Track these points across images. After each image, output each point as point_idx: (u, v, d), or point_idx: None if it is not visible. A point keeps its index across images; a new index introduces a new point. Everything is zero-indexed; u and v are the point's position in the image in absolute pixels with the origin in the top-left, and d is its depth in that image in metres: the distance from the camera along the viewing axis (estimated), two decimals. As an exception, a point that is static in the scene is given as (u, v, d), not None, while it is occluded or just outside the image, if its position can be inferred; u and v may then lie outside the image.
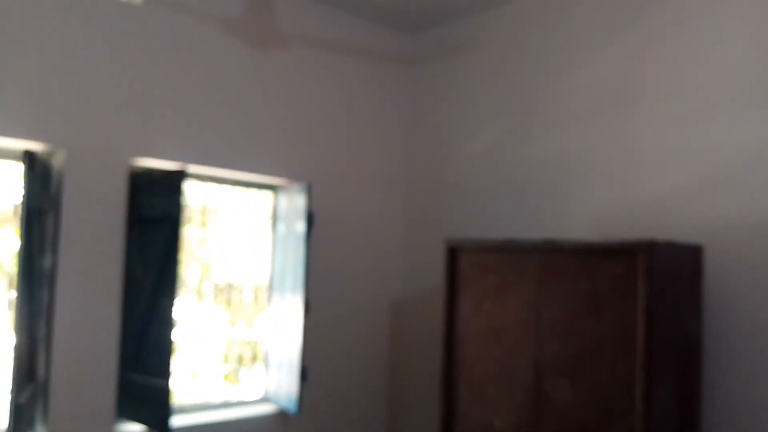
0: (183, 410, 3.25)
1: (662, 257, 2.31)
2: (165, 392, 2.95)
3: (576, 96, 3.25)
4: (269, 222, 3.73)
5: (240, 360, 3.60)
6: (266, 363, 3.63)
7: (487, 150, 3.68)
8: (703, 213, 2.70)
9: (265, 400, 3.59)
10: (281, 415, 3.51)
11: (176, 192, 3.03)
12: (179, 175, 3.03)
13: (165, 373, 2.97)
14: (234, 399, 3.50)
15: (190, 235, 3.37)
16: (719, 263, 2.59)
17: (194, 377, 3.41)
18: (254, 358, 3.65)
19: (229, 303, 3.56)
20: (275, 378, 3.54)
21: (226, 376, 3.55)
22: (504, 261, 2.78)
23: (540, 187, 3.37)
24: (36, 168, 2.70)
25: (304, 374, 3.40)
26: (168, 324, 2.97)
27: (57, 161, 2.89)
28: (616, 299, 2.37)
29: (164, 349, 2.98)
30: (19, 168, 2.78)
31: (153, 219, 3.06)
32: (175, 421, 3.05)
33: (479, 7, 3.72)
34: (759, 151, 2.55)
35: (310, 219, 3.48)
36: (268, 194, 3.72)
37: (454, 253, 2.97)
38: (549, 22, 3.42)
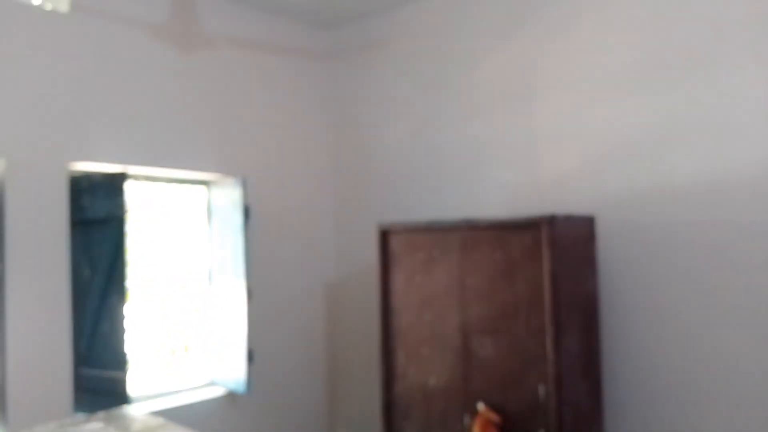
0: (135, 400, 3.40)
1: (562, 228, 2.73)
2: (119, 384, 3.11)
3: (482, 87, 3.62)
4: (206, 216, 3.90)
5: (186, 348, 3.78)
6: (213, 349, 3.83)
7: (406, 138, 4.01)
8: (594, 187, 3.13)
9: (213, 383, 3.80)
10: (231, 397, 3.74)
11: (117, 193, 3.16)
12: (120, 177, 3.16)
13: (118, 366, 3.12)
14: (184, 385, 3.68)
15: (132, 232, 3.49)
16: (609, 230, 3.04)
17: (144, 368, 3.56)
18: (200, 345, 3.84)
19: (172, 295, 3.72)
20: (223, 362, 3.76)
21: (174, 364, 3.72)
22: (429, 240, 3.13)
23: (455, 171, 3.73)
24: (-21, 178, 2.76)
25: (251, 356, 3.64)
26: (118, 319, 3.12)
27: (-4, 170, 2.95)
28: (527, 266, 2.75)
29: (116, 343, 3.13)
30: (-41, 178, 2.82)
31: (96, 220, 3.18)
32: (130, 411, 3.20)
33: (390, 6, 4.02)
34: (640, 132, 2.97)
35: (247, 211, 3.69)
36: (203, 190, 3.88)
37: (385, 235, 3.30)
38: (455, 20, 3.76)
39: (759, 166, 2.62)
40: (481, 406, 2.85)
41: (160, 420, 1.96)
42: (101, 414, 2.06)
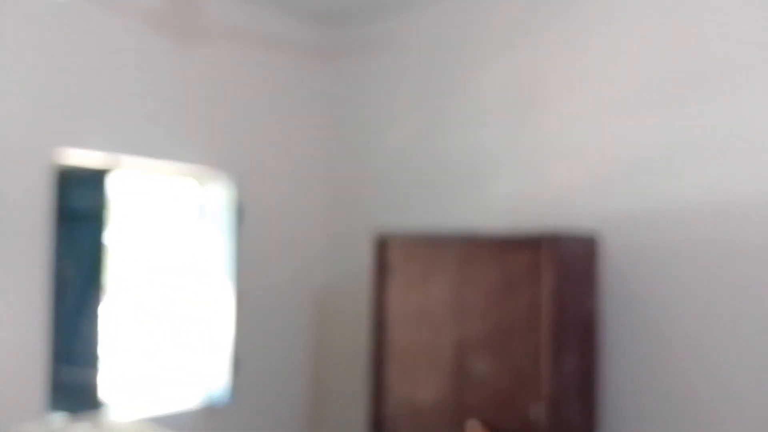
0: (112, 401, 3.29)
1: (564, 247, 2.68)
2: (96, 385, 3.01)
3: (487, 95, 3.56)
4: (196, 215, 3.79)
5: (171, 352, 3.67)
6: (198, 355, 3.73)
7: (406, 143, 3.94)
8: (598, 204, 3.07)
9: (196, 392, 3.68)
10: (212, 404, 3.62)
11: (103, 188, 3.07)
12: (105, 173, 3.07)
13: (96, 367, 3.02)
14: (166, 392, 3.57)
15: (117, 229, 3.38)
16: (612, 249, 2.99)
17: (125, 370, 3.44)
18: (183, 350, 3.73)
19: (158, 296, 3.61)
20: (206, 369, 3.65)
21: (156, 369, 3.60)
22: (427, 251, 3.07)
23: (455, 179, 3.66)
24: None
25: (236, 364, 3.54)
26: (96, 318, 3.02)
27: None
28: (526, 283, 2.70)
29: (95, 343, 3.03)
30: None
31: (80, 215, 3.09)
32: (109, 415, 3.09)
33: (396, 8, 3.96)
34: (647, 151, 2.92)
35: (240, 210, 3.60)
36: (195, 187, 3.78)
37: (382, 245, 3.22)
38: (463, 26, 3.70)
39: (768, 191, 2.60)
40: (473, 424, 2.78)
41: (146, 426, 1.87)
42: (86, 417, 1.96)
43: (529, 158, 3.36)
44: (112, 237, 3.09)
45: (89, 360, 3.04)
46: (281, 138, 4.08)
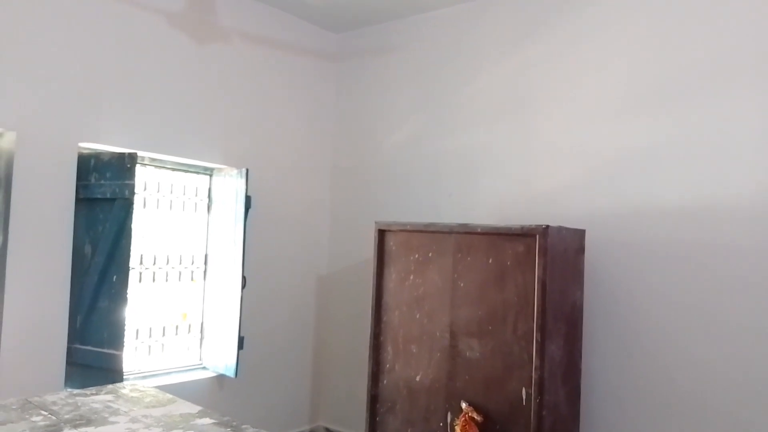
0: (127, 378, 3.47)
1: (554, 239, 2.84)
2: (113, 361, 3.17)
3: (482, 98, 3.74)
4: (207, 204, 3.97)
5: (181, 331, 3.85)
6: (206, 333, 3.91)
7: (407, 141, 4.12)
8: (585, 202, 3.27)
9: (203, 367, 3.87)
10: (219, 380, 3.82)
11: (126, 174, 3.22)
12: (130, 158, 3.22)
13: (112, 344, 3.19)
14: (174, 366, 3.76)
15: (136, 214, 3.54)
16: (597, 244, 3.19)
17: (137, 347, 3.63)
18: (194, 329, 3.91)
19: (170, 278, 3.79)
20: (214, 346, 3.83)
21: (167, 346, 3.79)
22: (426, 241, 3.23)
23: (450, 177, 3.85)
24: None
25: (241, 343, 3.73)
26: (117, 298, 3.18)
27: (7, 143, 3.00)
28: (518, 272, 2.87)
29: (112, 321, 3.19)
30: (-29, 149, 2.87)
31: (102, 199, 3.24)
32: (138, 385, 3.27)
33: (400, 14, 4.13)
34: (633, 152, 3.11)
35: (248, 202, 3.78)
36: (206, 178, 3.95)
37: (382, 234, 3.40)
38: (461, 33, 3.88)
39: (746, 192, 2.76)
40: (464, 405, 2.95)
41: (169, 395, 2.03)
42: (109, 387, 2.13)
43: (520, 158, 3.53)
44: (135, 221, 3.23)
45: (107, 337, 3.19)
46: (289, 134, 4.27)
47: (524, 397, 2.79)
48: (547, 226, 2.77)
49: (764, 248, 2.71)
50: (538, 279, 2.76)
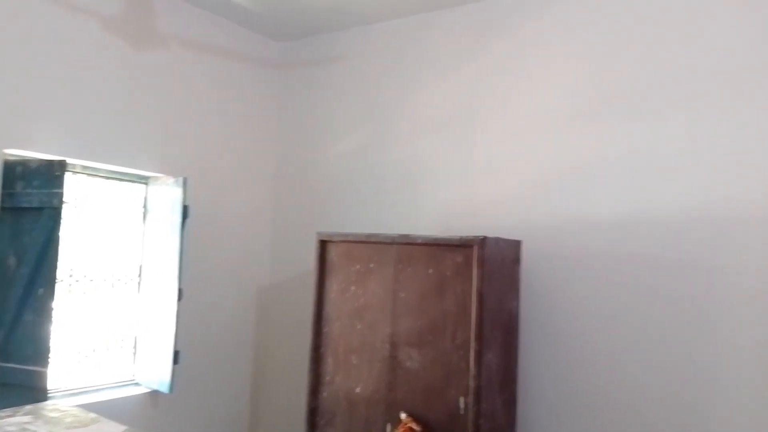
0: (54, 396, 3.31)
1: (491, 250, 2.90)
2: (38, 378, 3.02)
3: (427, 110, 3.79)
4: (141, 213, 3.85)
5: (110, 346, 3.71)
6: (138, 347, 3.77)
7: (351, 152, 4.12)
8: (523, 213, 3.35)
9: (136, 383, 3.74)
10: (153, 396, 3.69)
11: (55, 182, 3.08)
12: (59, 166, 3.09)
13: (38, 360, 3.03)
14: (105, 383, 3.61)
15: (65, 225, 3.40)
16: (533, 255, 3.27)
17: (65, 364, 3.46)
18: (125, 344, 3.77)
19: (101, 291, 3.65)
20: (148, 361, 3.70)
21: (97, 362, 3.63)
22: (367, 251, 3.24)
23: (393, 188, 3.88)
24: None
25: (176, 357, 3.62)
26: (42, 312, 3.03)
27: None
28: (457, 283, 2.91)
29: (38, 336, 3.04)
30: None
31: (29, 209, 3.09)
32: (58, 405, 3.11)
33: (345, 25, 4.15)
34: (569, 166, 3.21)
35: (185, 211, 3.69)
36: (142, 187, 3.84)
37: (324, 245, 3.38)
38: (406, 45, 3.93)
39: (673, 206, 2.90)
40: (403, 416, 2.96)
41: (92, 414, 1.94)
42: (28, 407, 2.02)
43: (462, 170, 3.60)
44: (63, 232, 3.10)
45: (32, 353, 3.04)
46: (230, 143, 4.20)
47: (462, 406, 2.82)
48: (485, 238, 2.83)
49: (689, 259, 2.85)
50: (475, 289, 2.81)
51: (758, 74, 2.75)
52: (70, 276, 3.47)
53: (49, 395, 3.07)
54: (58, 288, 3.14)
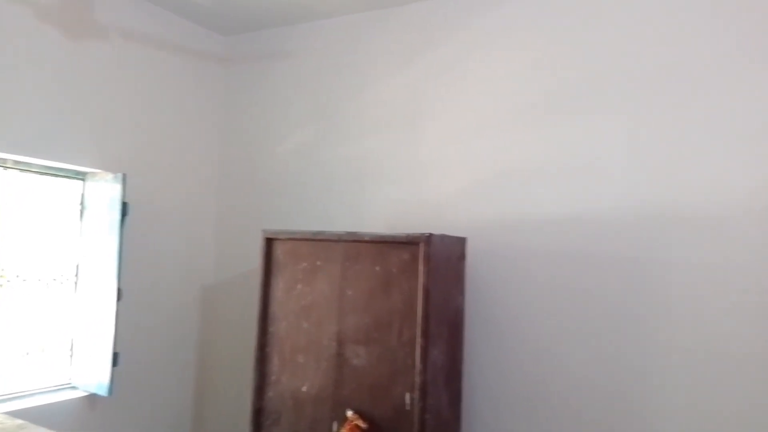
0: (-18, 401, 3.16)
1: (437, 247, 2.93)
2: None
3: (373, 109, 3.80)
4: (77, 211, 3.70)
5: (44, 348, 3.55)
6: (75, 350, 3.63)
7: (298, 148, 4.08)
8: (468, 211, 3.39)
9: (72, 386, 3.60)
10: (91, 399, 3.56)
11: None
12: (-14, 160, 2.95)
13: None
14: (39, 387, 3.46)
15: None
16: (478, 251, 3.32)
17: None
18: (61, 346, 3.62)
19: (34, 292, 3.49)
20: (85, 364, 3.57)
21: (30, 365, 3.48)
22: (313, 249, 3.22)
23: (340, 186, 3.86)
24: None
25: (116, 359, 3.50)
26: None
27: None
28: (403, 280, 2.92)
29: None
30: None
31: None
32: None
33: (292, 20, 4.10)
34: (513, 164, 3.27)
35: (125, 208, 3.57)
36: (79, 183, 3.69)
37: (270, 243, 3.34)
38: (354, 42, 3.92)
39: (615, 205, 2.99)
40: (349, 413, 2.96)
41: (19, 421, 1.85)
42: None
43: (410, 167, 3.62)
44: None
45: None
46: (172, 139, 4.09)
47: (408, 402, 2.84)
48: (430, 235, 2.85)
49: (626, 257, 2.95)
50: (421, 286, 2.83)
51: (698, 75, 2.87)
52: (2, 276, 3.30)
53: (-23, 401, 2.92)
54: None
